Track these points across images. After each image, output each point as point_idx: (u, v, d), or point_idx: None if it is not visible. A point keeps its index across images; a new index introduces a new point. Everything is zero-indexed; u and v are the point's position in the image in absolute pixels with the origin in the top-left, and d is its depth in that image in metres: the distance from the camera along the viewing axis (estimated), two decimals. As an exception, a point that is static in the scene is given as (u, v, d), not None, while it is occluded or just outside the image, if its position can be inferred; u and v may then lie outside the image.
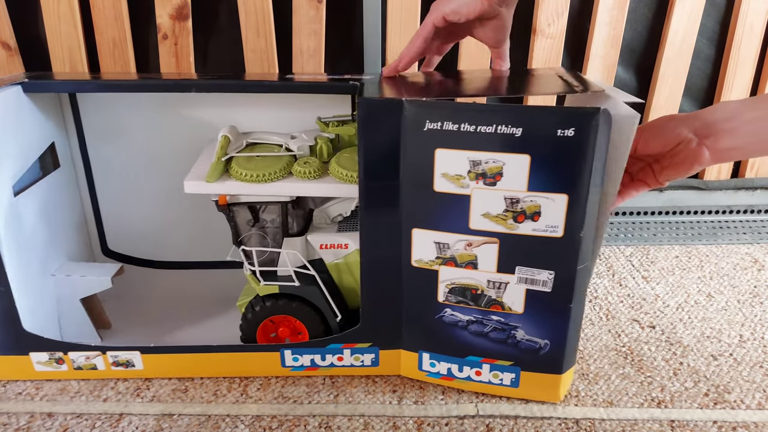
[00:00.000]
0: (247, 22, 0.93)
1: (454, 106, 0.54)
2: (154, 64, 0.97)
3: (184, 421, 0.63)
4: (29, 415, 0.64)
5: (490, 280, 0.60)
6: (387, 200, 0.58)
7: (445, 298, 0.62)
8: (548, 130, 0.52)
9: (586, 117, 0.51)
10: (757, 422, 0.63)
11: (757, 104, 0.56)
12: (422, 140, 0.55)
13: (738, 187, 1.09)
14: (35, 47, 0.94)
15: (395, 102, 0.54)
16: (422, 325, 0.64)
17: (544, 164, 0.53)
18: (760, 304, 0.85)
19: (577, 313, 0.61)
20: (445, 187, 0.56)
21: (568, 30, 0.97)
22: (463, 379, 0.66)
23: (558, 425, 0.62)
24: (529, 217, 0.56)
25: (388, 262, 0.62)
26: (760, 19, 0.98)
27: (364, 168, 0.57)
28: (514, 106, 0.55)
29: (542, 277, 0.58)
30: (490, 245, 0.58)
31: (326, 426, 0.62)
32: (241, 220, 0.68)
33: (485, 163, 0.54)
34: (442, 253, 0.59)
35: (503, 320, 0.61)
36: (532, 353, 0.62)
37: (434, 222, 0.58)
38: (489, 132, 0.53)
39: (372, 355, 0.67)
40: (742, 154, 0.58)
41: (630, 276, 0.93)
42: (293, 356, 0.67)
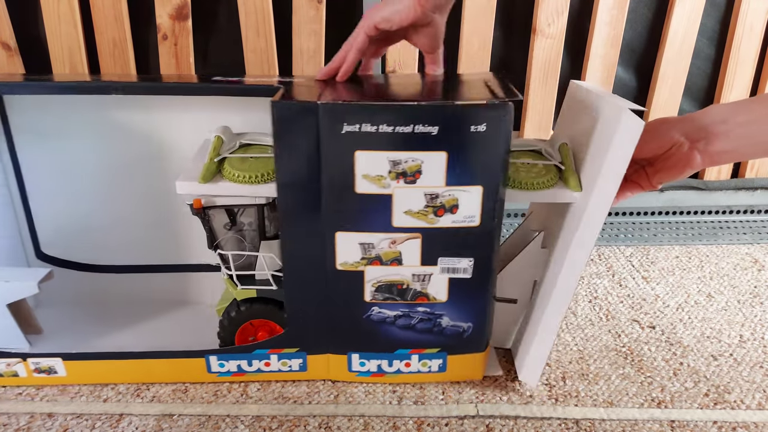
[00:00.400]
0: (247, 22, 0.93)
1: (371, 108, 0.55)
2: (154, 65, 0.97)
3: (184, 422, 0.63)
4: (29, 416, 0.64)
5: (414, 274, 0.61)
6: (307, 205, 0.58)
7: (372, 297, 0.63)
8: (462, 127, 0.54)
9: (496, 112, 0.54)
10: (757, 422, 0.63)
11: (748, 107, 0.56)
12: (341, 143, 0.55)
13: (738, 187, 1.09)
14: (35, 47, 0.94)
15: (310, 105, 0.54)
16: (350, 326, 0.65)
17: (460, 159, 0.55)
18: (760, 304, 0.85)
19: (494, 292, 0.65)
20: (366, 188, 0.57)
21: (568, 30, 0.97)
22: (392, 373, 0.67)
23: (558, 425, 0.62)
24: (448, 210, 0.58)
25: (311, 267, 0.62)
26: (760, 19, 0.98)
27: (282, 173, 0.57)
28: (430, 105, 0.56)
29: (463, 264, 0.61)
30: (414, 240, 0.60)
31: (326, 426, 0.62)
32: (218, 223, 0.67)
33: (405, 162, 0.56)
34: (368, 254, 0.60)
35: (429, 310, 0.64)
36: (457, 337, 0.65)
37: (358, 223, 0.59)
38: (407, 132, 0.54)
39: (299, 359, 0.67)
40: (734, 157, 0.58)
41: (630, 276, 0.93)
42: (219, 362, 0.67)
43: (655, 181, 0.61)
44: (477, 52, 0.97)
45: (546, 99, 1.01)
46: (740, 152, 0.58)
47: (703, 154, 0.57)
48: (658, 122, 0.60)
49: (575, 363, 0.72)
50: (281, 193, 0.58)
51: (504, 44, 1.00)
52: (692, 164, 0.58)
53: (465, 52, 0.97)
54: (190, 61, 0.95)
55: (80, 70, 0.94)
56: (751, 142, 0.56)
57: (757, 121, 0.55)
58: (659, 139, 0.59)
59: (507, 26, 0.99)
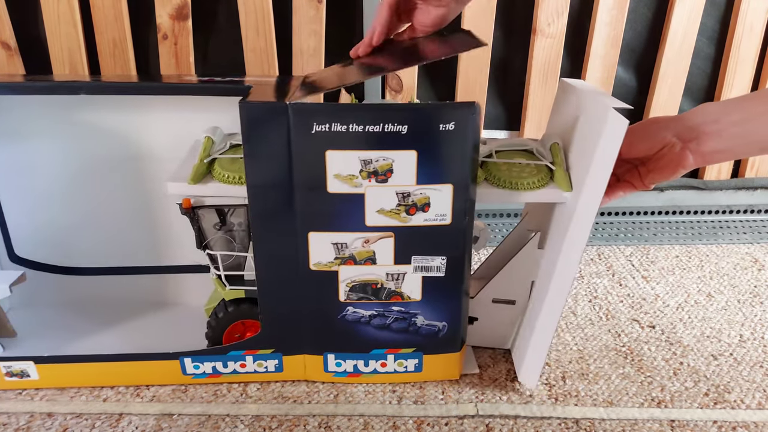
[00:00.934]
0: (247, 22, 0.93)
1: (341, 107, 0.55)
2: (154, 65, 0.97)
3: (184, 421, 0.63)
4: (29, 415, 0.64)
5: (388, 273, 0.62)
6: (279, 205, 0.58)
7: (346, 297, 0.63)
8: (431, 126, 0.55)
9: (464, 110, 0.54)
10: (757, 422, 0.63)
11: (741, 105, 0.56)
12: (311, 143, 0.55)
13: (738, 187, 1.09)
14: (35, 47, 0.94)
15: (279, 106, 0.54)
16: (325, 326, 0.65)
17: (430, 158, 0.56)
18: (760, 304, 0.85)
19: (467, 291, 0.65)
20: (338, 188, 0.57)
21: (568, 30, 0.97)
22: (369, 374, 0.67)
23: (558, 425, 0.62)
24: (420, 208, 0.58)
25: (284, 268, 0.61)
26: (760, 19, 0.98)
27: (252, 173, 0.57)
28: (399, 105, 0.57)
29: (436, 263, 0.61)
30: (387, 239, 0.60)
31: (326, 426, 0.62)
32: (207, 223, 0.67)
33: (376, 161, 0.56)
34: (341, 253, 0.60)
35: (404, 309, 0.64)
36: (432, 337, 0.65)
37: (330, 223, 0.59)
38: (377, 131, 0.55)
39: (275, 360, 0.67)
40: (727, 156, 0.58)
41: (630, 276, 0.93)
42: (194, 364, 0.67)
43: (647, 180, 0.61)
44: (477, 51, 0.97)
45: (546, 99, 1.01)
46: (733, 151, 0.57)
47: (696, 154, 0.57)
48: (649, 122, 0.60)
49: (575, 363, 0.72)
50: (252, 194, 0.58)
51: (504, 44, 1.00)
52: (684, 164, 0.57)
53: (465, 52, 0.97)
54: (190, 61, 0.95)
55: (80, 71, 0.94)
56: (744, 141, 0.56)
57: (749, 119, 0.55)
58: (651, 139, 0.59)
59: (507, 26, 0.99)
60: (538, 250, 0.66)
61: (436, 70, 1.02)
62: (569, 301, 0.86)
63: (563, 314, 0.82)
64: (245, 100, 0.55)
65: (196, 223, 0.67)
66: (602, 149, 0.54)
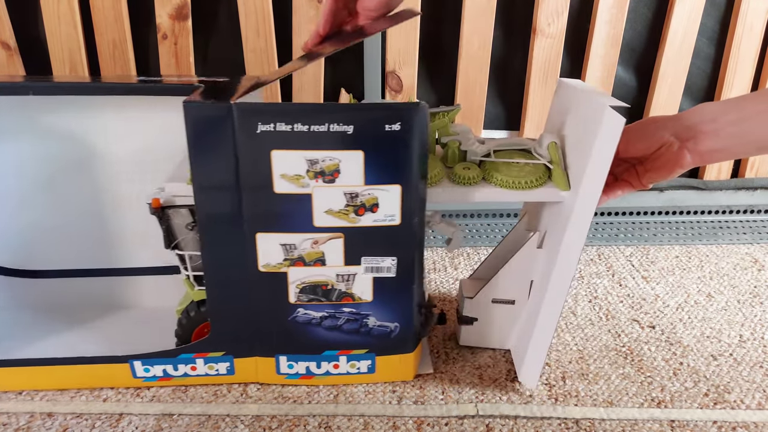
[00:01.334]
0: (247, 22, 0.93)
1: (285, 107, 0.54)
2: (154, 65, 0.97)
3: (184, 421, 0.63)
4: (29, 415, 0.64)
5: (339, 274, 0.61)
6: (226, 206, 0.58)
7: (296, 298, 0.62)
8: (377, 126, 0.54)
9: (409, 111, 0.54)
10: (757, 422, 0.63)
11: (739, 105, 0.56)
12: (257, 143, 0.55)
13: (738, 187, 1.09)
14: (35, 47, 0.94)
15: (223, 106, 0.54)
16: (276, 328, 0.64)
17: (377, 158, 0.56)
18: (760, 304, 0.85)
19: (420, 292, 0.64)
20: (285, 188, 0.57)
21: (568, 30, 0.97)
22: (321, 375, 0.67)
23: (558, 425, 0.62)
24: (368, 209, 0.58)
25: (233, 269, 0.61)
26: (760, 19, 0.98)
27: (198, 175, 0.56)
28: (344, 105, 0.56)
29: (386, 263, 0.61)
30: (336, 240, 0.59)
31: (326, 426, 0.62)
32: (179, 223, 0.66)
33: (322, 161, 0.56)
34: (290, 254, 0.60)
35: (355, 311, 0.63)
36: (384, 338, 0.65)
37: (278, 224, 0.58)
38: (322, 131, 0.54)
39: (226, 363, 0.66)
40: (724, 155, 0.58)
41: (630, 276, 0.93)
42: (144, 367, 0.66)
43: (645, 180, 0.61)
44: (477, 51, 0.97)
45: (546, 99, 1.01)
46: (730, 151, 0.57)
47: (693, 153, 0.57)
48: (647, 121, 0.60)
49: (575, 363, 0.72)
50: (198, 194, 0.57)
51: (504, 44, 1.00)
52: (682, 163, 0.57)
53: (465, 51, 0.97)
54: (190, 60, 0.95)
55: (80, 71, 0.94)
56: (741, 141, 0.56)
57: (747, 119, 0.55)
58: (649, 139, 0.59)
59: (507, 26, 0.99)
60: (536, 250, 0.66)
61: (436, 71, 1.02)
62: (569, 301, 0.86)
63: (563, 314, 0.82)
64: (189, 100, 0.54)
65: (165, 223, 0.65)
66: (599, 148, 0.54)
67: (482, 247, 1.02)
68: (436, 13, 0.98)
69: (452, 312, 0.82)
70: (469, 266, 0.95)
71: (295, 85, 0.98)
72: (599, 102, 0.55)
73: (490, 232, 1.07)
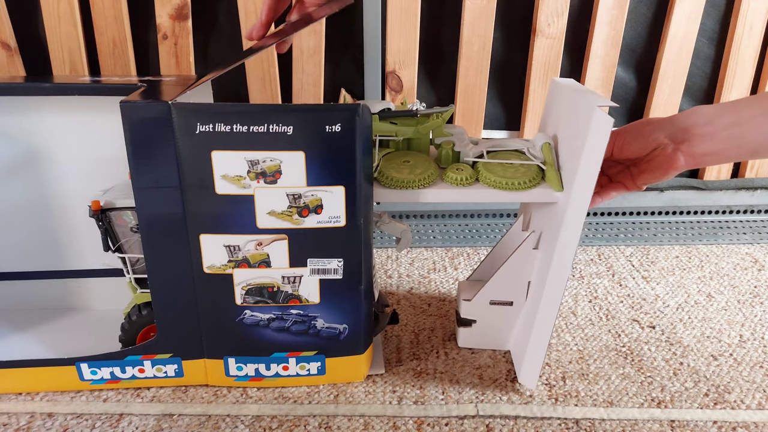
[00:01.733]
0: (247, 22, 0.93)
1: (223, 107, 0.54)
2: (154, 65, 0.97)
3: (185, 421, 0.63)
4: (29, 415, 0.64)
5: (284, 276, 0.61)
6: (169, 207, 0.57)
7: (242, 300, 0.62)
8: (317, 127, 0.54)
9: (349, 113, 0.54)
10: (757, 422, 0.63)
11: (734, 109, 0.56)
12: (196, 143, 0.54)
13: (738, 187, 1.09)
14: (35, 47, 0.94)
15: (161, 106, 0.53)
16: (223, 330, 0.64)
17: (318, 159, 0.55)
18: (760, 304, 0.85)
19: (368, 293, 0.64)
20: (227, 189, 0.56)
21: (568, 30, 0.97)
22: (271, 377, 0.67)
23: (558, 425, 0.62)
24: (312, 210, 0.58)
25: (178, 271, 0.60)
26: (760, 19, 0.98)
27: (138, 175, 0.56)
28: (283, 105, 0.56)
29: (332, 265, 0.61)
30: (280, 242, 0.59)
31: (326, 426, 0.62)
32: (122, 225, 0.65)
33: (263, 162, 0.55)
34: (234, 256, 0.60)
35: (302, 312, 0.63)
36: (333, 339, 0.65)
37: (221, 225, 0.58)
38: (262, 131, 0.54)
39: (174, 365, 0.66)
40: (718, 159, 0.58)
41: (630, 276, 0.93)
42: (91, 369, 0.65)
43: (639, 181, 0.61)
44: (477, 52, 0.97)
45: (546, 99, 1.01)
46: (725, 154, 0.57)
47: (687, 156, 0.57)
48: (642, 123, 0.60)
49: (575, 363, 0.72)
50: (139, 196, 0.57)
51: (504, 45, 1.01)
52: (676, 166, 0.57)
53: (465, 53, 0.97)
54: (190, 60, 0.95)
55: (80, 70, 0.94)
56: (736, 144, 0.56)
57: (742, 123, 0.55)
58: (643, 140, 0.59)
59: (507, 26, 0.99)
60: (533, 251, 0.66)
61: (436, 71, 1.02)
62: (569, 301, 0.86)
63: (563, 315, 0.82)
64: (126, 100, 0.54)
65: (104, 226, 0.65)
66: (589, 147, 0.54)
67: (482, 247, 1.02)
68: (436, 14, 0.98)
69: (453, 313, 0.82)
70: (469, 266, 0.96)
71: (295, 85, 0.98)
72: (588, 102, 0.55)
73: (490, 232, 1.07)
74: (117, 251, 0.66)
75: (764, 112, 0.54)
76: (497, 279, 0.68)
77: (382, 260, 0.98)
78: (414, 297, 0.87)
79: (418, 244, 1.03)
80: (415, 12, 0.94)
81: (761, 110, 0.55)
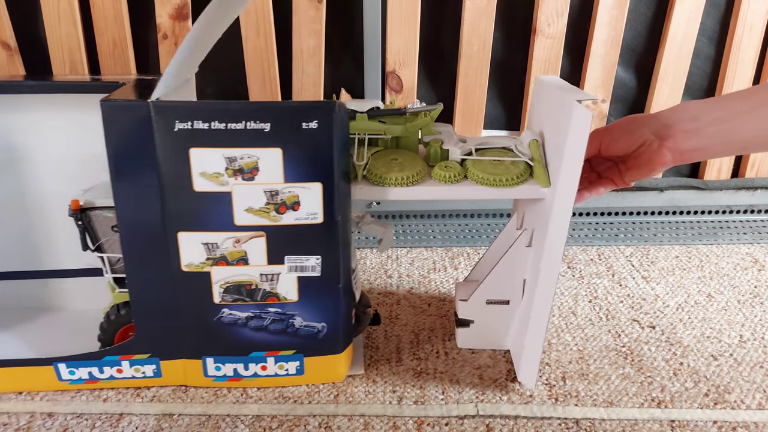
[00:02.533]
0: (247, 22, 0.93)
1: (201, 105, 0.54)
2: (154, 64, 0.97)
3: (185, 421, 0.63)
4: (29, 415, 0.64)
5: (262, 274, 0.61)
6: (147, 205, 0.57)
7: (221, 298, 0.62)
8: (294, 124, 0.54)
9: (325, 110, 0.54)
10: (757, 422, 0.63)
11: (719, 105, 0.56)
12: (175, 141, 0.54)
13: (738, 187, 1.09)
14: (35, 47, 0.94)
15: (140, 104, 0.54)
16: (201, 330, 0.63)
17: (296, 156, 0.56)
18: (760, 304, 0.85)
19: (347, 292, 0.64)
20: (205, 186, 0.56)
21: (568, 30, 0.97)
22: (250, 377, 0.66)
23: (558, 425, 0.62)
24: (289, 207, 0.58)
25: (156, 270, 0.60)
26: (760, 19, 0.98)
27: (116, 173, 0.56)
28: (260, 102, 0.56)
29: (310, 263, 0.61)
30: (258, 239, 0.59)
31: (326, 426, 0.62)
32: (101, 225, 0.65)
33: (240, 159, 0.55)
34: (212, 254, 0.60)
35: (280, 311, 0.63)
36: (312, 338, 0.64)
37: (199, 223, 0.58)
38: (239, 129, 0.54)
39: (152, 365, 0.65)
40: (704, 155, 0.58)
41: (630, 276, 0.93)
42: (69, 370, 0.65)
43: (627, 178, 0.61)
44: (477, 52, 0.97)
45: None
46: (711, 150, 0.57)
47: (673, 152, 0.57)
48: (628, 120, 0.60)
49: (575, 363, 0.72)
50: (118, 194, 0.57)
51: (504, 45, 1.01)
52: (662, 162, 0.58)
53: (465, 52, 0.97)
54: (190, 61, 0.95)
55: (80, 70, 0.94)
56: (722, 141, 0.56)
57: (728, 119, 0.55)
58: (629, 137, 0.59)
59: (507, 26, 0.99)
60: (526, 249, 0.66)
61: (436, 71, 1.02)
62: (569, 301, 0.86)
63: (563, 315, 0.82)
64: (106, 99, 0.54)
65: (83, 225, 0.64)
66: (571, 141, 0.54)
67: (482, 247, 1.02)
68: (436, 14, 0.98)
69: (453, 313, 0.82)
70: (469, 266, 0.96)
71: (295, 85, 0.98)
72: (568, 97, 0.55)
73: (490, 232, 1.07)
74: (97, 250, 0.66)
75: (751, 109, 0.54)
76: (492, 278, 0.68)
77: (381, 260, 0.98)
78: (414, 297, 0.87)
79: (418, 244, 1.03)
80: (415, 12, 0.94)
81: (748, 106, 0.54)
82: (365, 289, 0.88)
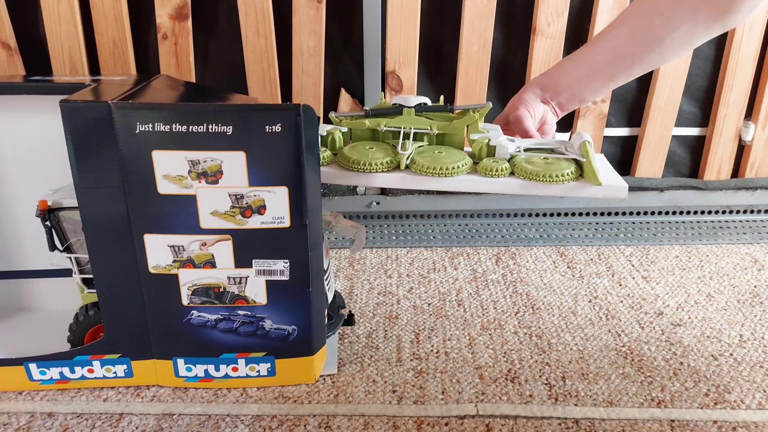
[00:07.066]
0: (247, 22, 0.93)
1: (162, 107, 0.54)
2: (154, 64, 0.97)
3: (185, 421, 0.63)
4: (29, 415, 0.64)
5: (230, 277, 0.61)
6: (111, 207, 0.57)
7: (189, 300, 0.62)
8: (257, 127, 0.54)
9: (289, 113, 0.54)
10: (757, 422, 0.63)
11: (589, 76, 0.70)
12: (137, 143, 0.54)
13: (738, 187, 1.09)
14: (35, 47, 0.94)
15: (100, 105, 0.53)
16: (171, 331, 0.63)
17: (260, 159, 0.55)
18: (760, 304, 0.85)
19: (318, 295, 0.64)
20: (168, 188, 0.56)
21: (568, 30, 0.97)
22: (221, 378, 0.66)
23: (558, 425, 0.62)
24: (255, 211, 0.58)
25: (124, 272, 0.60)
26: (760, 19, 0.98)
27: (80, 175, 0.56)
28: (222, 105, 0.56)
29: (278, 266, 0.61)
30: (224, 242, 0.59)
31: (326, 426, 0.62)
32: (71, 225, 0.65)
33: (204, 162, 0.55)
34: (179, 256, 0.59)
35: (250, 313, 0.63)
36: (283, 341, 0.64)
37: (165, 225, 0.58)
38: (201, 131, 0.54)
39: (124, 366, 0.65)
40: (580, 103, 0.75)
41: (630, 276, 0.93)
42: (39, 370, 0.65)
43: None
44: (477, 52, 0.97)
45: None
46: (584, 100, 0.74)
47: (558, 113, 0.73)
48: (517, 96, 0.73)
49: (575, 363, 0.72)
50: (81, 195, 0.56)
51: (504, 45, 1.01)
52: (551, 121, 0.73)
53: (465, 52, 0.97)
54: (190, 60, 0.95)
55: (80, 70, 0.94)
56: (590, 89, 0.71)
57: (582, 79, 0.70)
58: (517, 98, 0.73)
59: (507, 26, 0.99)
60: None
61: (436, 71, 1.02)
62: (569, 301, 0.86)
63: (563, 314, 0.82)
64: (66, 99, 0.54)
65: (50, 226, 0.64)
66: None
67: (482, 247, 1.02)
68: (436, 13, 0.98)
69: (453, 313, 0.82)
70: (469, 266, 0.96)
71: (295, 85, 0.98)
72: None
73: (490, 232, 1.07)
74: (66, 251, 0.65)
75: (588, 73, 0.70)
76: None
77: (381, 260, 0.98)
78: (414, 297, 0.87)
79: (418, 244, 1.03)
80: (415, 12, 0.94)
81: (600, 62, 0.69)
82: (365, 289, 0.88)
